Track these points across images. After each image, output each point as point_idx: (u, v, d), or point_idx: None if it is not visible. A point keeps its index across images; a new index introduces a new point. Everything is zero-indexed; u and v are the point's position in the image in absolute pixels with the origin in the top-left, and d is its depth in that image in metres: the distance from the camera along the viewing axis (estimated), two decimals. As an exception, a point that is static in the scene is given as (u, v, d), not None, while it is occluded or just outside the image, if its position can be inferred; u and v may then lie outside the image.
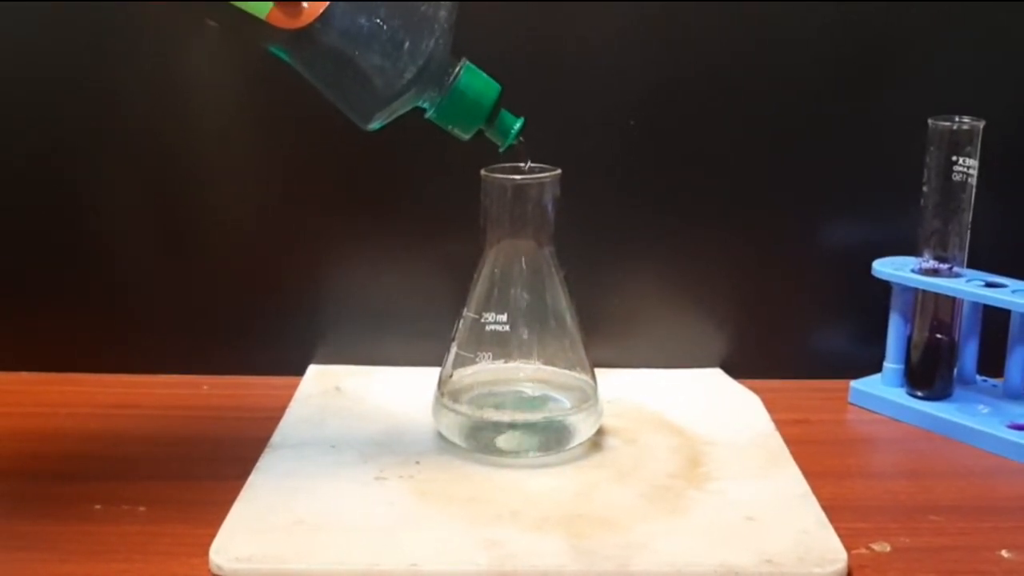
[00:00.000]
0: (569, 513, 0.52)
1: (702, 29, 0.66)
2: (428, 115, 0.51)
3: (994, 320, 0.63)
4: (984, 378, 0.67)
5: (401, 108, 0.50)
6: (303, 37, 0.48)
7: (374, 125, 0.50)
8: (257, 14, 0.47)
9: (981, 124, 0.61)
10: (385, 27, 0.48)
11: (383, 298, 0.69)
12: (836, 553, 0.48)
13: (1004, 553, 0.49)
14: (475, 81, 0.51)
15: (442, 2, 0.49)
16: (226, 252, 0.69)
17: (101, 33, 0.65)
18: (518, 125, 0.53)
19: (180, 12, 0.48)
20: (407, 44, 0.48)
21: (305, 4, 0.47)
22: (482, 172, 0.56)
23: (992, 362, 0.65)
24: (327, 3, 0.47)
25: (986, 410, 0.63)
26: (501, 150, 0.54)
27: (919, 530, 0.52)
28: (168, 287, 0.69)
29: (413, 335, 0.69)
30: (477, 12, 0.63)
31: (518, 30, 0.66)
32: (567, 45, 0.66)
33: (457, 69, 0.50)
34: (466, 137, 0.52)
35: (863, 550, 0.50)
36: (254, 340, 0.70)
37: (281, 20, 0.47)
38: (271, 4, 0.47)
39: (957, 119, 0.61)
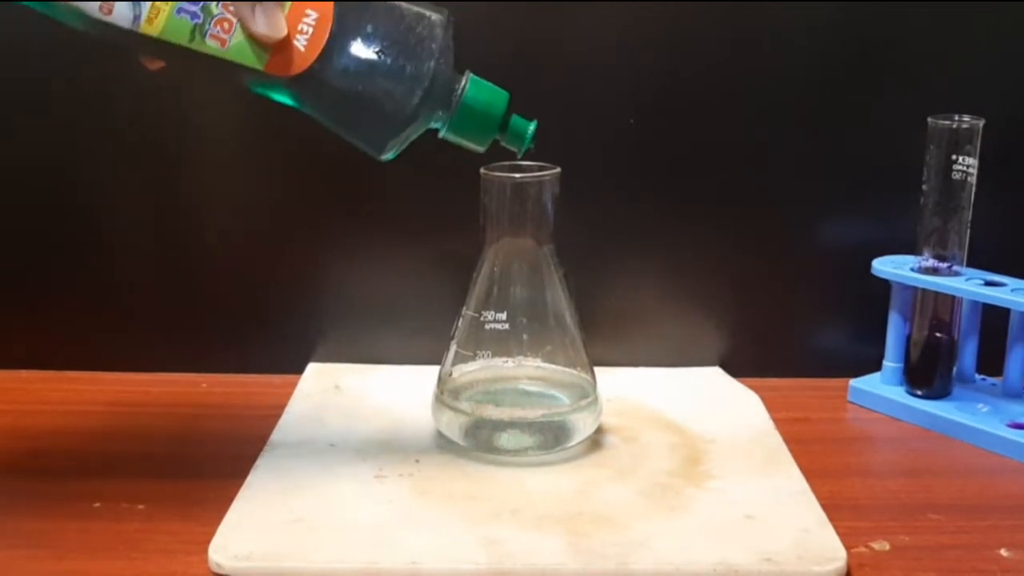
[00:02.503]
0: (568, 511, 0.52)
1: (702, 28, 0.66)
2: (441, 134, 0.51)
3: (993, 319, 0.63)
4: (983, 377, 0.67)
5: (414, 133, 0.50)
6: (305, 80, 0.48)
7: (388, 155, 0.50)
8: (256, 67, 0.47)
9: (981, 123, 0.61)
10: (384, 56, 0.48)
11: (383, 296, 0.69)
12: (835, 552, 0.48)
13: (1003, 552, 0.49)
14: (482, 92, 0.50)
15: (436, 20, 0.49)
16: (225, 250, 0.69)
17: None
18: (532, 128, 0.52)
19: (179, 74, 0.48)
20: (408, 69, 0.48)
21: (301, 47, 0.47)
22: (482, 171, 0.56)
23: (991, 361, 0.65)
24: (323, 43, 0.47)
25: (985, 409, 0.63)
26: (519, 156, 0.53)
27: (918, 529, 0.52)
28: (167, 285, 0.69)
29: (412, 333, 0.69)
30: (477, 12, 0.64)
31: (518, 28, 0.66)
32: (567, 43, 0.66)
33: (463, 84, 0.50)
34: (482, 149, 0.52)
35: (862, 548, 0.50)
36: (253, 338, 0.70)
37: (280, 68, 0.47)
38: (267, 55, 0.47)
39: (957, 118, 0.61)
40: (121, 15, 0.46)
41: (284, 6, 0.47)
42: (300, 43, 0.47)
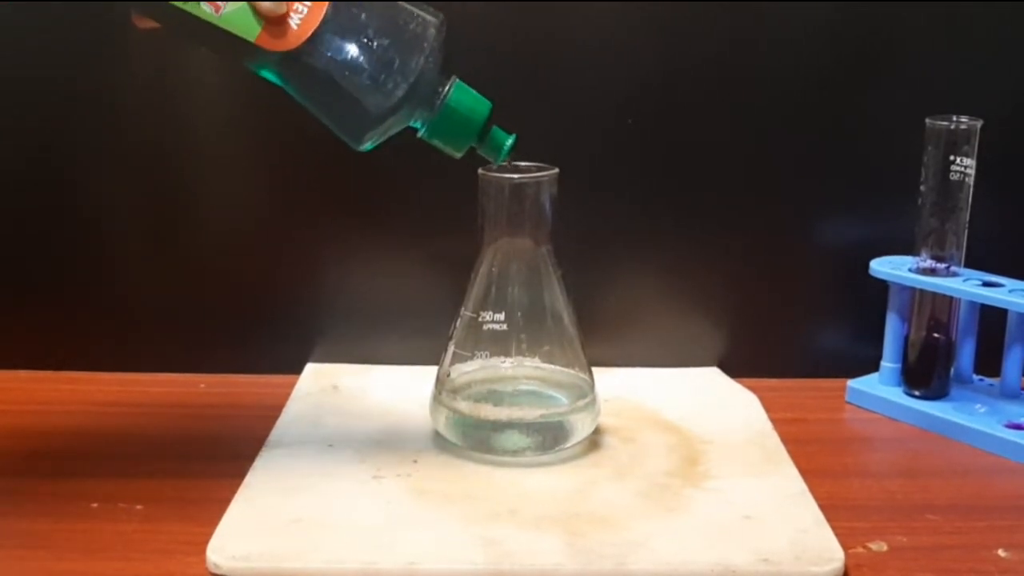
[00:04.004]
0: (566, 511, 0.52)
1: (700, 28, 0.66)
2: (420, 134, 0.51)
3: (991, 319, 0.63)
4: (981, 377, 0.67)
5: (393, 128, 0.50)
6: (293, 58, 0.48)
7: (366, 146, 0.50)
8: (246, 37, 0.47)
9: (979, 124, 0.61)
10: (374, 46, 0.48)
11: (381, 297, 0.69)
12: (833, 552, 0.48)
13: (1001, 552, 0.50)
14: (465, 98, 0.51)
15: (430, 20, 0.49)
16: (224, 250, 0.69)
17: (100, 35, 0.65)
18: (510, 142, 0.52)
19: (169, 35, 0.48)
20: (396, 62, 0.48)
21: (294, 25, 0.47)
22: (480, 171, 0.56)
23: (989, 361, 0.65)
24: (316, 24, 0.47)
25: (983, 409, 0.63)
26: (495, 167, 0.54)
27: (916, 529, 0.52)
28: (165, 285, 0.69)
29: (411, 334, 0.69)
30: (475, 12, 0.64)
31: (516, 27, 0.66)
32: (565, 43, 0.66)
33: (447, 87, 0.50)
34: (458, 155, 0.52)
35: (860, 549, 0.50)
36: (251, 338, 0.70)
37: (270, 42, 0.47)
38: (259, 27, 0.47)
39: (955, 118, 0.62)
40: None
41: None
42: (294, 21, 0.47)
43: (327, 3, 0.48)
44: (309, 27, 0.47)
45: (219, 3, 0.46)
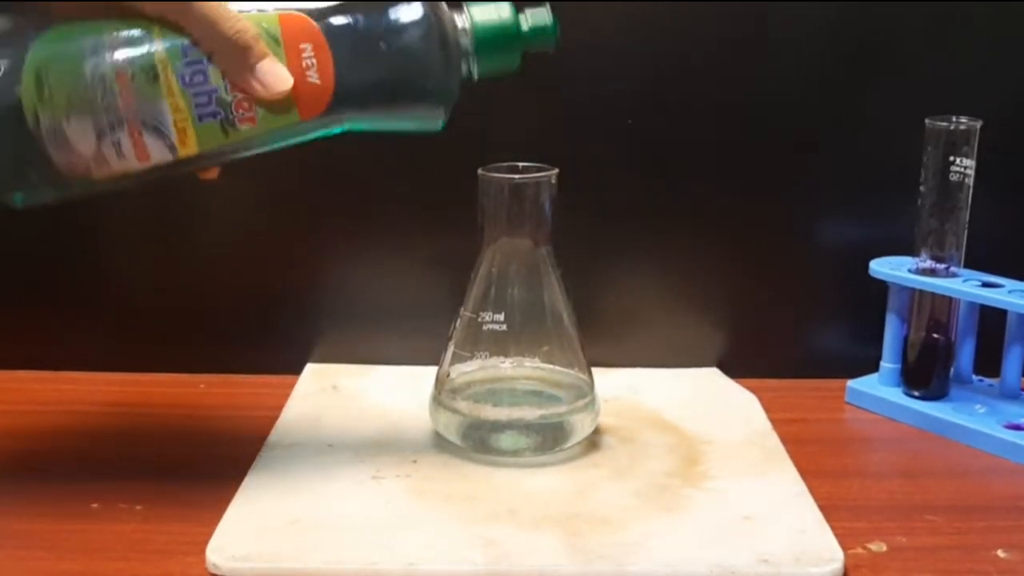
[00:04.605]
0: (566, 512, 0.52)
1: (700, 28, 0.66)
2: (476, 77, 0.50)
3: (991, 320, 0.63)
4: (980, 378, 0.67)
5: (455, 88, 0.49)
6: (340, 106, 0.48)
7: (441, 124, 0.50)
8: (292, 122, 0.47)
9: (978, 124, 0.61)
10: (392, 47, 0.47)
11: (380, 297, 0.69)
12: (832, 553, 0.48)
13: (1000, 553, 0.50)
14: (487, 16, 0.49)
15: None
16: (223, 250, 0.69)
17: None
18: (550, 21, 0.51)
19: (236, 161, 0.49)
20: (418, 44, 0.48)
21: (316, 80, 0.47)
22: (479, 171, 0.56)
23: (988, 362, 0.65)
24: (332, 64, 0.47)
25: (982, 410, 0.63)
26: (551, 51, 0.52)
27: (915, 530, 0.52)
28: (164, 285, 0.69)
29: (410, 334, 0.69)
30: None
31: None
32: (565, 43, 0.66)
33: (466, 18, 0.49)
34: (515, 67, 0.51)
35: (859, 550, 0.50)
36: (251, 339, 0.70)
37: (313, 108, 0.47)
38: (294, 106, 0.47)
39: (954, 119, 0.61)
40: (158, 152, 0.46)
41: (280, 56, 0.46)
42: (313, 78, 0.47)
43: (326, 42, 0.47)
44: (329, 72, 0.47)
45: (251, 115, 0.47)
